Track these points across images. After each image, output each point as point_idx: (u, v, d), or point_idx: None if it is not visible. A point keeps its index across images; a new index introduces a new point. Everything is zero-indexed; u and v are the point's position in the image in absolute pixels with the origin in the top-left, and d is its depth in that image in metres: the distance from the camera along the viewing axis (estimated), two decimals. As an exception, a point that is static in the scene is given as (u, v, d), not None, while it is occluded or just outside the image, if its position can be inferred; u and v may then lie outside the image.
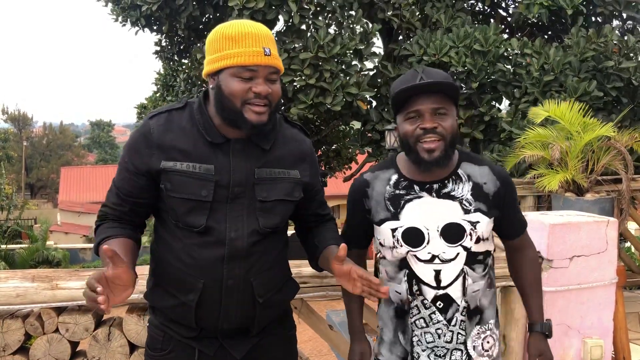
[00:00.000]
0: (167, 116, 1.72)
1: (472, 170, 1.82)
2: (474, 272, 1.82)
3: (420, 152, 1.71)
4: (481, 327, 1.85)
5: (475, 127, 7.28)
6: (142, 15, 8.51)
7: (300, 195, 1.81)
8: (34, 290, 2.24)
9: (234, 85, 1.62)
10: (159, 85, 12.83)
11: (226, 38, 1.63)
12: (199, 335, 1.75)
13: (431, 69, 1.75)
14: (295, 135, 1.85)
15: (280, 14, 7.20)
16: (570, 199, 4.99)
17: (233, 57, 1.61)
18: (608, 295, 2.62)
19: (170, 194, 1.67)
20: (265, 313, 1.77)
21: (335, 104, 7.11)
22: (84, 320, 2.29)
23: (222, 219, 1.68)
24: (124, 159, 1.72)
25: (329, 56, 7.02)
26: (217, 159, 1.68)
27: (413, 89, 1.69)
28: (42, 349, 2.28)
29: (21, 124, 40.25)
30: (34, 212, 25.69)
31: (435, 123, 1.70)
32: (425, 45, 7.38)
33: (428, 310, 1.82)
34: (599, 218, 2.65)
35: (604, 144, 5.22)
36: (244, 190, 1.70)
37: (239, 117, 1.63)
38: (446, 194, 1.79)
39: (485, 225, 1.80)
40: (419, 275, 1.81)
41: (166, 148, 1.68)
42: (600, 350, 2.57)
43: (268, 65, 1.63)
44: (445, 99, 1.71)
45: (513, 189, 1.88)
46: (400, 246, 1.80)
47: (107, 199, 1.77)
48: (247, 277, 1.71)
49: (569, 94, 6.56)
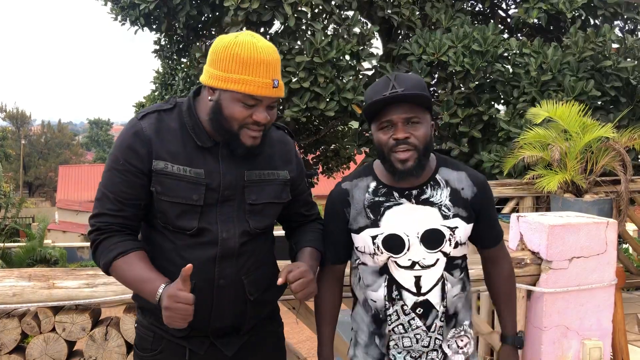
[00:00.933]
0: (157, 116, 1.69)
1: (450, 175, 1.83)
2: (452, 276, 1.84)
3: (394, 162, 1.72)
4: (456, 329, 1.88)
5: (474, 127, 7.27)
6: (141, 15, 8.49)
7: (289, 197, 1.83)
8: (31, 290, 2.23)
9: (236, 110, 1.61)
10: (157, 84, 12.82)
11: (238, 60, 1.59)
12: (189, 335, 1.75)
13: (403, 76, 1.73)
14: (281, 138, 1.86)
15: (276, 17, 7.18)
16: (569, 200, 4.98)
17: (242, 84, 1.59)
18: (607, 296, 2.61)
19: (161, 197, 1.66)
20: (256, 311, 1.79)
21: (328, 109, 7.12)
22: (80, 319, 2.28)
23: (213, 221, 1.68)
24: (118, 161, 1.67)
25: (325, 61, 7.01)
26: (206, 163, 1.68)
27: (383, 101, 1.69)
28: (38, 348, 2.27)
29: (19, 122, 40.21)
30: (32, 211, 25.66)
31: (407, 133, 1.70)
32: (424, 44, 7.37)
33: (407, 316, 1.83)
34: (598, 219, 2.64)
35: (602, 145, 5.22)
36: (234, 193, 1.71)
37: (233, 139, 1.64)
38: (425, 200, 1.80)
39: (463, 231, 1.81)
40: (399, 281, 1.82)
41: (157, 149, 1.65)
42: (599, 352, 2.56)
43: (273, 96, 1.64)
44: (417, 108, 1.71)
45: (490, 197, 1.88)
46: (381, 253, 1.80)
47: (101, 207, 1.68)
48: (238, 276, 1.72)
49: (566, 94, 6.56)
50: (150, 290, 1.58)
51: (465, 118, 7.26)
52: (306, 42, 7.15)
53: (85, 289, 2.26)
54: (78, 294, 2.25)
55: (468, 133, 7.28)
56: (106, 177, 1.69)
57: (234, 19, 7.10)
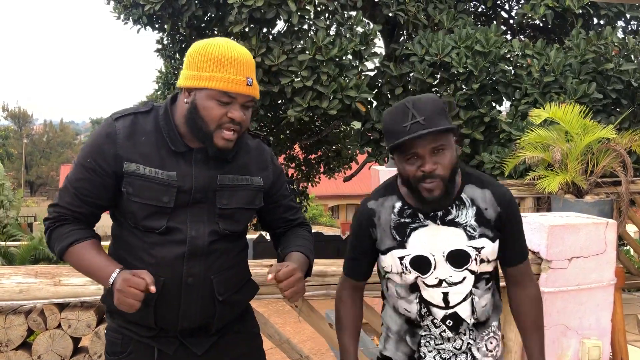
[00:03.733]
0: (132, 119, 1.71)
1: (475, 194, 1.80)
2: (478, 289, 1.82)
3: (422, 192, 1.70)
4: (486, 330, 1.88)
5: (475, 128, 7.29)
6: (144, 14, 8.51)
7: (261, 203, 1.83)
8: (37, 286, 2.26)
9: (211, 108, 1.63)
10: (159, 83, 12.84)
11: (211, 59, 1.62)
12: (157, 335, 1.75)
13: (420, 101, 1.68)
14: (257, 145, 1.87)
15: (280, 14, 7.19)
16: (569, 201, 5.00)
17: (216, 81, 1.61)
18: (606, 296, 2.63)
19: (132, 198, 1.67)
20: (224, 311, 1.78)
21: (331, 107, 7.11)
22: (86, 316, 2.31)
23: (183, 220, 1.70)
24: (86, 158, 1.68)
25: (327, 59, 7.01)
26: (179, 167, 1.69)
27: (409, 139, 1.64)
28: (44, 344, 2.30)
29: (21, 122, 40.29)
30: (34, 209, 25.67)
31: (434, 165, 1.67)
32: (427, 45, 7.39)
33: (438, 329, 1.84)
34: (597, 220, 2.67)
35: (603, 146, 5.24)
36: (205, 197, 1.72)
37: (207, 139, 1.65)
38: (450, 220, 1.78)
39: (490, 249, 1.79)
40: (427, 299, 1.82)
41: (130, 151, 1.67)
42: (598, 351, 2.59)
43: (248, 94, 1.65)
44: (442, 135, 1.68)
45: (514, 214, 1.83)
46: (409, 272, 1.80)
47: (61, 199, 1.72)
48: (207, 275, 1.72)
49: (568, 96, 6.57)
50: (105, 275, 1.62)
51: (468, 120, 7.28)
52: (308, 40, 7.15)
53: (91, 286, 2.29)
54: (84, 291, 2.28)
55: (470, 135, 7.29)
56: (73, 171, 1.72)
57: (238, 18, 7.11)
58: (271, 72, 7.29)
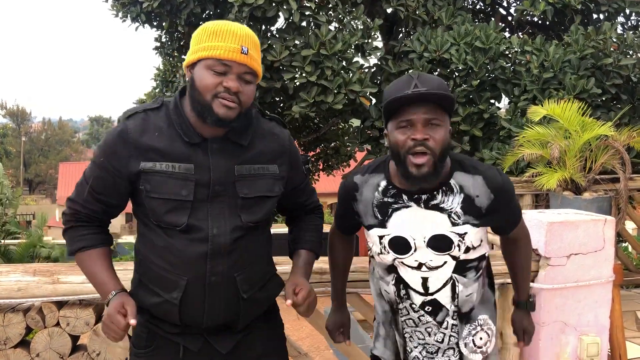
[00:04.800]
0: (143, 116, 1.70)
1: (465, 180, 1.75)
2: (464, 277, 1.80)
3: (409, 167, 1.65)
4: (470, 324, 1.85)
5: (475, 125, 7.28)
6: (143, 12, 8.49)
7: (281, 190, 1.81)
8: (35, 284, 2.26)
9: (206, 77, 1.62)
10: (158, 81, 12.80)
11: (208, 32, 1.65)
12: (183, 331, 1.75)
13: (426, 76, 1.67)
14: (272, 129, 1.83)
15: (281, 12, 7.18)
16: (568, 198, 5.01)
17: (209, 50, 1.62)
18: (605, 293, 2.64)
19: (150, 194, 1.66)
20: (249, 309, 1.77)
21: (336, 102, 7.08)
22: (84, 314, 2.31)
23: (204, 217, 1.68)
24: (99, 157, 1.70)
25: (331, 53, 6.99)
26: (196, 158, 1.68)
27: (406, 98, 1.63)
28: (43, 342, 2.30)
29: (20, 119, 40.26)
30: (33, 208, 25.68)
31: (426, 134, 1.63)
32: (426, 42, 7.38)
33: (416, 313, 1.84)
34: (596, 216, 2.67)
35: (602, 143, 5.24)
36: (225, 188, 1.70)
37: (206, 110, 1.63)
38: (435, 205, 1.74)
39: (474, 235, 1.76)
40: (406, 281, 1.81)
41: (144, 149, 1.66)
42: (596, 348, 2.59)
43: (243, 63, 1.63)
44: (439, 109, 1.64)
45: (508, 195, 1.79)
46: (387, 253, 1.80)
47: (78, 194, 1.74)
48: (230, 273, 1.71)
49: (567, 92, 6.57)
50: (103, 292, 1.71)
51: (467, 116, 7.27)
52: (311, 35, 7.13)
53: (89, 284, 2.26)
54: (82, 289, 2.28)
55: (469, 131, 7.29)
56: (89, 167, 1.74)
57: (238, 16, 7.10)
58: (273, 68, 7.28)
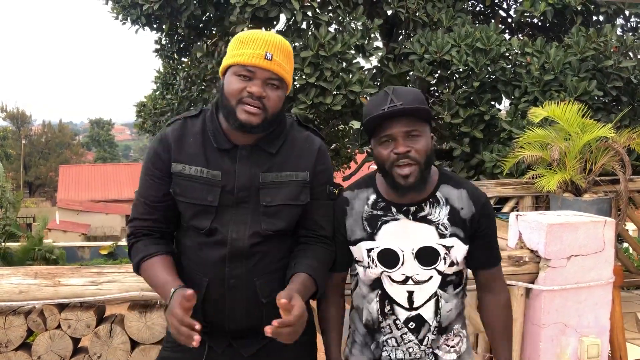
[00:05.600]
0: (182, 123, 1.79)
1: (451, 193, 1.81)
2: (446, 292, 1.84)
3: (396, 178, 1.71)
4: (447, 334, 1.89)
5: (475, 127, 7.29)
6: (143, 14, 8.50)
7: (307, 199, 1.79)
8: (36, 287, 2.26)
9: (232, 83, 1.68)
10: (158, 84, 12.81)
11: (238, 40, 1.72)
12: (209, 331, 1.77)
13: (401, 89, 1.72)
14: (307, 137, 1.84)
15: (283, 12, 7.19)
16: (568, 199, 5.01)
17: (236, 57, 1.69)
18: (605, 294, 2.64)
19: (178, 198, 1.74)
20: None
21: (335, 103, 7.09)
22: (85, 316, 2.31)
23: (227, 222, 1.72)
24: (147, 166, 1.78)
25: (330, 54, 7.00)
26: (224, 165, 1.73)
27: (382, 116, 1.68)
28: (44, 345, 2.30)
29: (20, 122, 40.26)
30: (33, 210, 25.69)
31: (408, 147, 1.69)
32: (426, 43, 7.39)
33: (400, 331, 1.85)
34: (596, 218, 2.67)
35: (602, 145, 5.24)
36: (249, 195, 1.73)
37: (230, 115, 1.69)
38: (422, 217, 1.79)
39: (459, 251, 1.81)
40: (392, 296, 1.83)
41: (177, 153, 1.74)
42: (597, 349, 2.59)
43: (267, 69, 1.67)
44: (417, 121, 1.70)
45: (489, 217, 1.83)
46: (375, 266, 1.82)
47: (135, 212, 1.81)
48: (249, 277, 1.73)
49: (568, 94, 6.57)
50: (164, 293, 1.66)
51: (467, 118, 7.28)
52: (310, 37, 7.14)
53: (90, 286, 2.29)
54: (83, 291, 2.29)
55: (469, 133, 7.29)
56: (140, 184, 1.81)
57: (240, 17, 7.10)
58: (272, 70, 7.28)
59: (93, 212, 25.29)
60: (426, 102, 1.76)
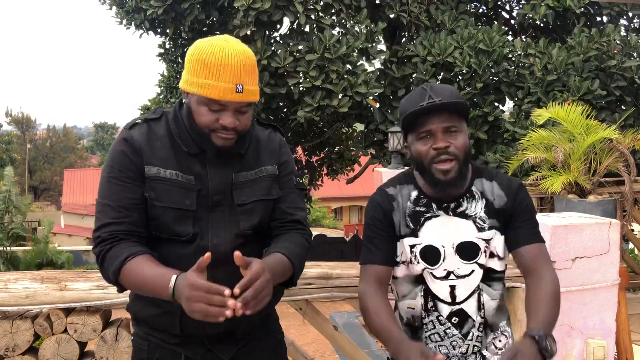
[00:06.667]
0: (146, 125, 1.71)
1: (485, 186, 1.82)
2: (490, 288, 1.82)
3: (436, 174, 1.71)
4: (494, 333, 1.87)
5: (479, 128, 7.29)
6: (146, 19, 8.53)
7: (279, 194, 1.79)
8: (43, 292, 2.27)
9: (202, 114, 1.61)
10: (162, 87, 12.88)
11: (202, 64, 1.59)
12: (184, 341, 1.74)
13: (439, 86, 1.73)
14: (268, 135, 1.84)
15: (286, 15, 7.20)
16: (572, 201, 5.00)
17: (205, 88, 1.58)
18: (610, 296, 2.63)
19: (155, 202, 1.66)
20: (249, 316, 1.67)
21: (341, 105, 7.10)
22: (92, 320, 2.32)
23: (206, 227, 1.69)
24: (114, 168, 1.66)
25: (335, 57, 7.01)
26: (195, 169, 1.69)
27: (421, 112, 1.68)
28: (51, 349, 2.31)
29: (25, 127, 40.38)
30: (38, 214, 25.76)
31: (447, 142, 1.68)
32: (429, 46, 7.40)
33: (443, 326, 1.83)
34: (601, 220, 2.67)
35: (606, 146, 5.24)
36: (224, 197, 1.71)
37: (205, 141, 1.64)
38: (461, 212, 1.80)
39: (498, 241, 1.80)
40: (434, 292, 1.82)
41: (148, 155, 1.67)
42: (602, 351, 2.59)
43: (238, 102, 1.61)
44: (455, 117, 1.70)
45: (522, 200, 1.80)
46: (417, 263, 1.81)
47: (105, 217, 1.65)
48: (231, 282, 1.64)
49: (572, 94, 6.57)
50: (161, 285, 1.52)
51: (471, 119, 7.28)
52: (315, 40, 7.15)
53: (96, 291, 2.30)
54: (89, 295, 2.29)
55: (473, 134, 7.29)
56: (104, 189, 1.68)
57: (243, 21, 7.12)
58: (277, 74, 7.30)
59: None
60: (460, 97, 1.75)
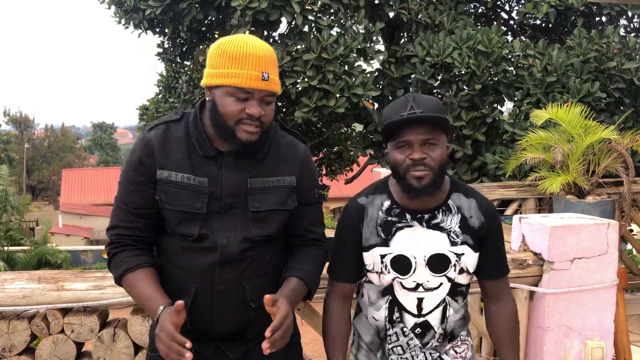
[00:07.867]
0: (164, 127, 1.74)
1: (462, 202, 1.85)
2: (455, 302, 1.87)
3: (409, 180, 1.73)
4: (453, 342, 1.92)
5: (478, 129, 7.29)
6: (145, 18, 8.51)
7: (295, 204, 1.80)
8: (40, 292, 2.26)
9: (228, 105, 1.64)
10: (161, 87, 12.86)
11: (228, 56, 1.64)
12: (195, 337, 1.75)
13: (422, 97, 1.74)
14: (290, 142, 1.84)
15: (284, 15, 7.19)
16: (571, 202, 5.00)
17: (231, 77, 1.63)
18: (609, 297, 2.63)
19: (165, 205, 1.70)
20: (260, 318, 1.76)
21: (338, 106, 7.10)
22: (89, 321, 2.31)
23: (216, 228, 1.70)
24: (128, 172, 1.73)
25: (332, 57, 7.00)
26: (210, 171, 1.70)
27: (403, 121, 1.70)
28: (47, 349, 2.30)
29: (23, 126, 40.32)
30: (36, 214, 25.70)
31: (423, 154, 1.71)
32: (428, 46, 7.39)
33: (406, 337, 1.86)
34: (599, 220, 2.66)
35: (605, 147, 5.24)
36: (237, 201, 1.72)
37: (229, 135, 1.66)
38: (435, 224, 1.82)
39: (469, 258, 1.83)
40: (402, 303, 1.84)
41: (163, 159, 1.70)
42: (601, 352, 2.58)
43: (264, 89, 1.65)
44: (435, 130, 1.72)
45: (497, 227, 1.87)
46: (388, 272, 1.83)
47: (116, 219, 1.75)
48: (239, 282, 1.73)
49: (571, 95, 6.56)
50: (151, 309, 1.64)
51: (469, 121, 7.28)
52: (313, 40, 7.14)
53: (94, 291, 2.29)
54: (86, 296, 2.29)
55: (472, 136, 7.29)
56: (120, 190, 1.75)
57: (241, 20, 7.11)
58: (275, 73, 7.29)
59: (96, 215, 25.26)
60: (444, 110, 1.78)
